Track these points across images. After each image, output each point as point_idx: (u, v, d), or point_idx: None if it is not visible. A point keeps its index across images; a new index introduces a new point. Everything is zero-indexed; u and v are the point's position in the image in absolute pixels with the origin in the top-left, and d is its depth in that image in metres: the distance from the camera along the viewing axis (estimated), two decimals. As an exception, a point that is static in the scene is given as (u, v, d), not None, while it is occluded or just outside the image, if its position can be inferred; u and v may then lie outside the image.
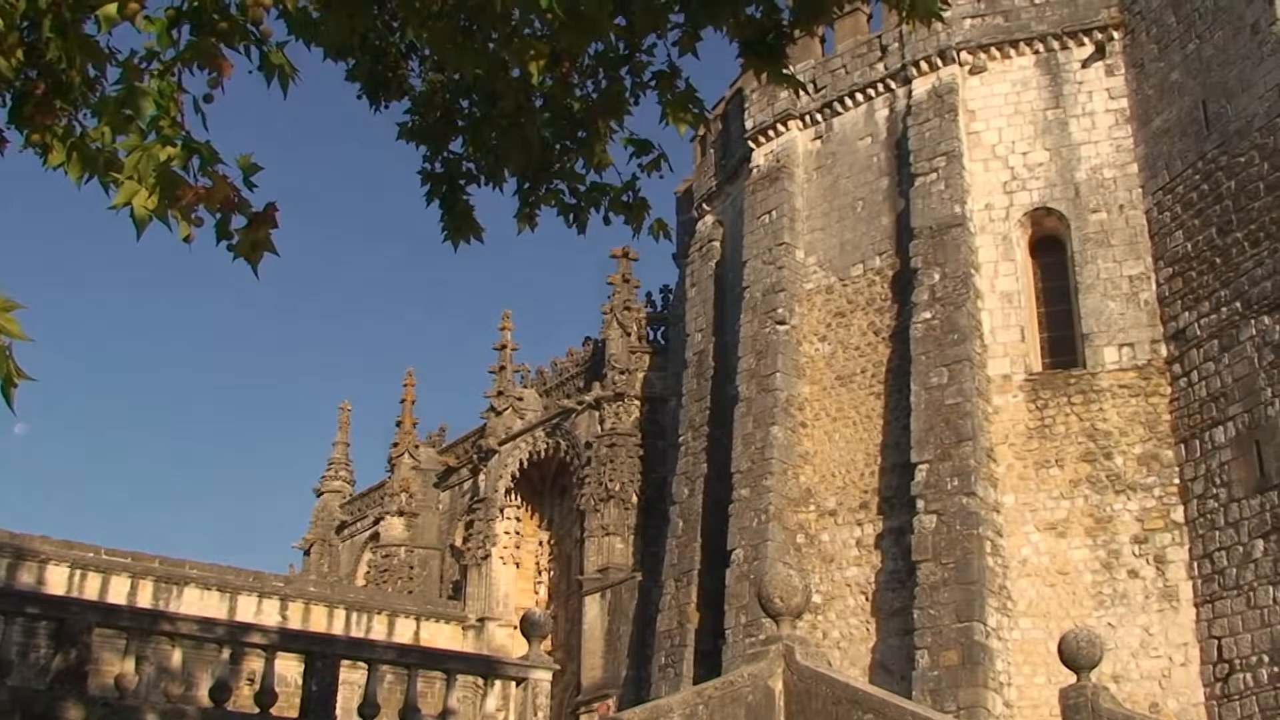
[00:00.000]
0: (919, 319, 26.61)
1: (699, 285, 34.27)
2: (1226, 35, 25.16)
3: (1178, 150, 26.02)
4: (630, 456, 37.93)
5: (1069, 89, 28.11)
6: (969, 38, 28.82)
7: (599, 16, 6.46)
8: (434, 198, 7.81)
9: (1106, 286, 26.37)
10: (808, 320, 29.51)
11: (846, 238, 29.77)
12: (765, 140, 31.80)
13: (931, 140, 28.16)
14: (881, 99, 30.11)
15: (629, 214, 7.74)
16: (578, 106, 7.42)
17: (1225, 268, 24.27)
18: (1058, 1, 28.59)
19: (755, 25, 7.10)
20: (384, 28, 7.28)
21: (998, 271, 27.34)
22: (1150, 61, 27.17)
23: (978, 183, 27.90)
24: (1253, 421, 23.01)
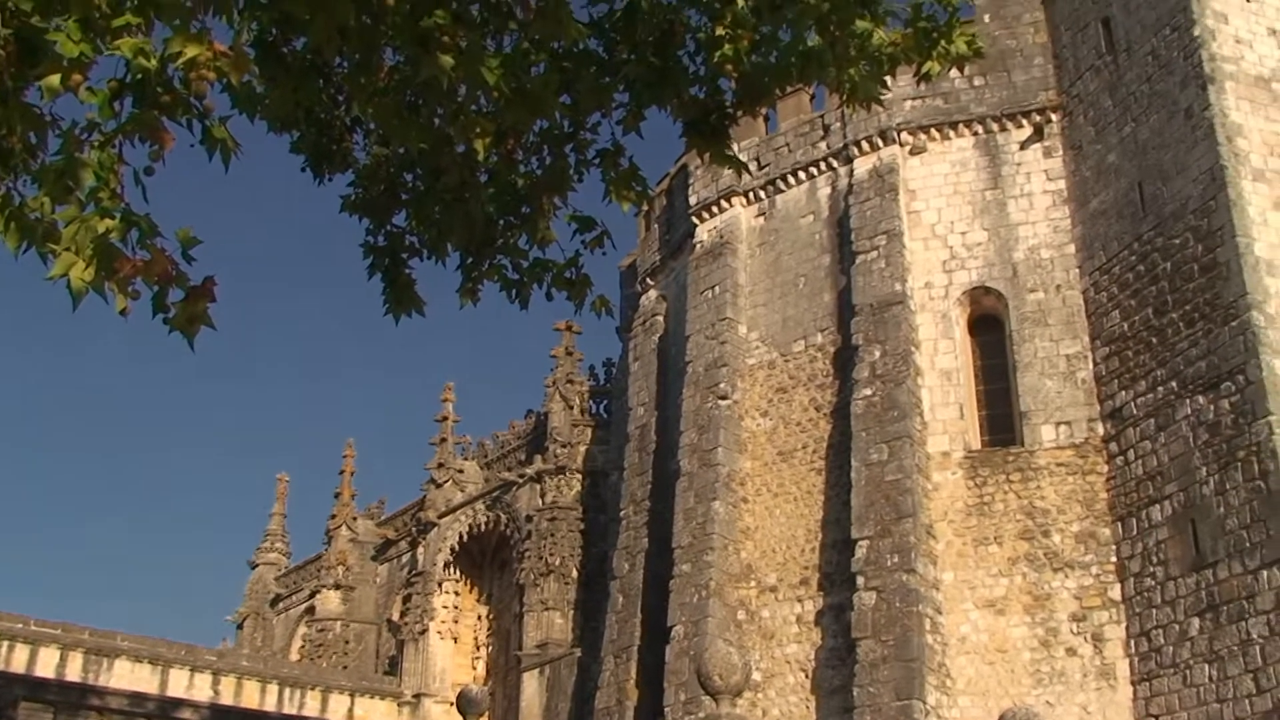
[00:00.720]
0: (860, 395, 26.77)
1: (642, 359, 34.33)
2: (1162, 119, 25.70)
3: (1114, 231, 26.47)
4: (571, 530, 37.73)
5: (1007, 170, 28.58)
6: (910, 119, 29.27)
7: (545, 95, 6.50)
8: (376, 271, 7.78)
9: (1044, 365, 26.67)
10: (750, 395, 29.61)
11: (789, 314, 29.97)
12: (709, 216, 32.06)
13: (873, 219, 28.50)
14: (824, 177, 30.47)
15: (571, 290, 7.75)
16: (522, 182, 7.45)
17: (1161, 348, 24.62)
18: (996, 84, 29.14)
19: (699, 106, 7.18)
20: (329, 101, 7.28)
21: (937, 349, 27.60)
22: (1087, 144, 27.70)
23: (918, 261, 28.23)
24: (1188, 500, 23.25)
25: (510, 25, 6.84)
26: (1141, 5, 26.86)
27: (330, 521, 49.46)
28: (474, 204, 7.37)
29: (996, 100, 29.06)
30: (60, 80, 5.11)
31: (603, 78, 7.09)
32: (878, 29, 7.03)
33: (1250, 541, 21.74)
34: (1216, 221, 23.85)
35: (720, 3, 6.70)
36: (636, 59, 7.01)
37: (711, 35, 6.86)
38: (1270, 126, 24.81)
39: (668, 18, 6.93)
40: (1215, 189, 24.02)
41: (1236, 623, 21.70)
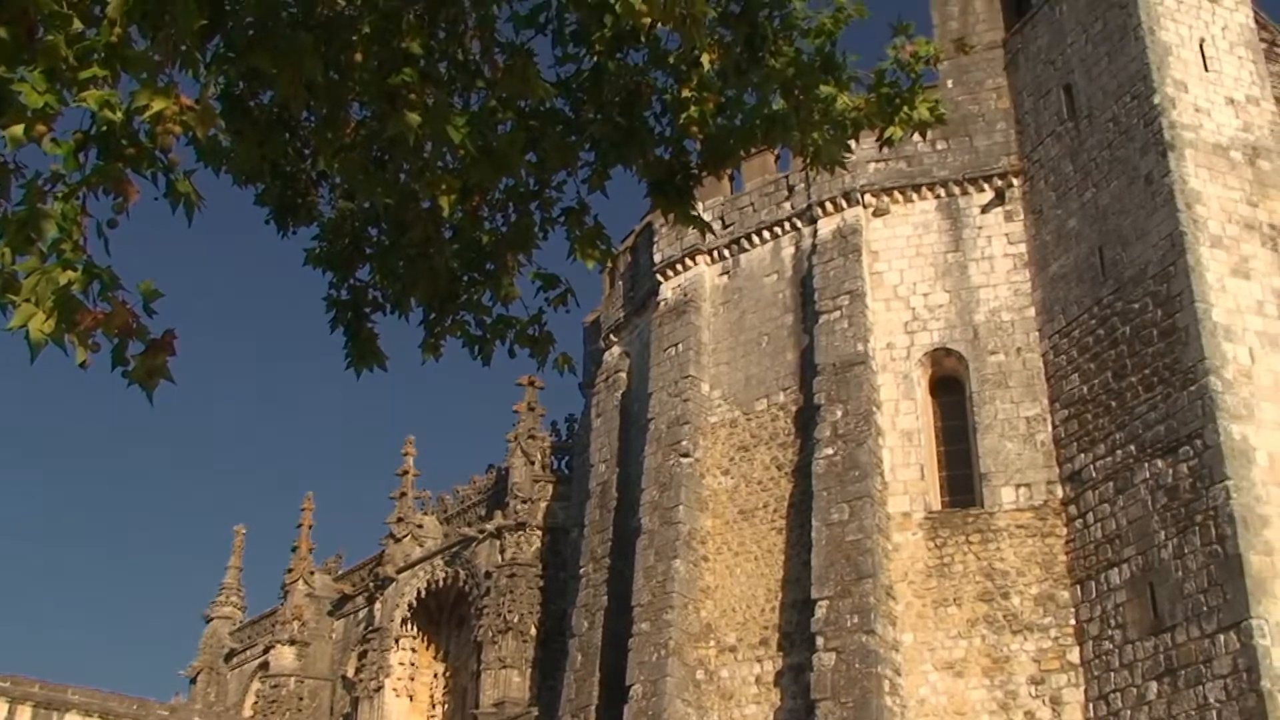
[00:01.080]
0: (821, 455, 26.81)
1: (604, 415, 34.30)
2: (1122, 185, 26.02)
3: (1074, 295, 26.71)
4: (530, 587, 37.52)
5: (969, 233, 28.84)
6: (873, 181, 29.53)
7: (510, 153, 6.53)
8: (338, 324, 7.76)
9: (1004, 427, 26.81)
10: (711, 453, 29.60)
11: (751, 372, 30.05)
12: (673, 274, 32.17)
13: (836, 279, 28.67)
14: (788, 237, 30.66)
15: (534, 347, 7.75)
16: (486, 239, 7.47)
17: (1120, 411, 24.80)
18: (959, 149, 29.46)
19: (664, 166, 7.23)
20: (295, 155, 7.28)
21: (899, 410, 27.70)
22: (1048, 208, 28.00)
23: (880, 322, 28.38)
24: (1146, 564, 23.34)
25: (478, 83, 6.88)
26: (1103, 73, 27.27)
27: (287, 575, 49.01)
28: (438, 259, 7.37)
29: (959, 164, 29.38)
30: (24, 131, 5.09)
31: (569, 136, 7.13)
32: (841, 94, 7.11)
33: (1208, 605, 21.83)
34: (1176, 287, 24.12)
35: (686, 65, 6.76)
36: (603, 119, 7.06)
37: (677, 97, 6.92)
38: (1228, 194, 25.17)
39: (634, 79, 6.99)
40: (1175, 255, 24.30)
41: (1194, 687, 21.74)
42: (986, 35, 30.63)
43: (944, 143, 29.41)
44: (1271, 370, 23.58)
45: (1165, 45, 26.34)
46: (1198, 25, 27.05)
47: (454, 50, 6.66)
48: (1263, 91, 27.12)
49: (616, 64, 6.87)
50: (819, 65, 7.05)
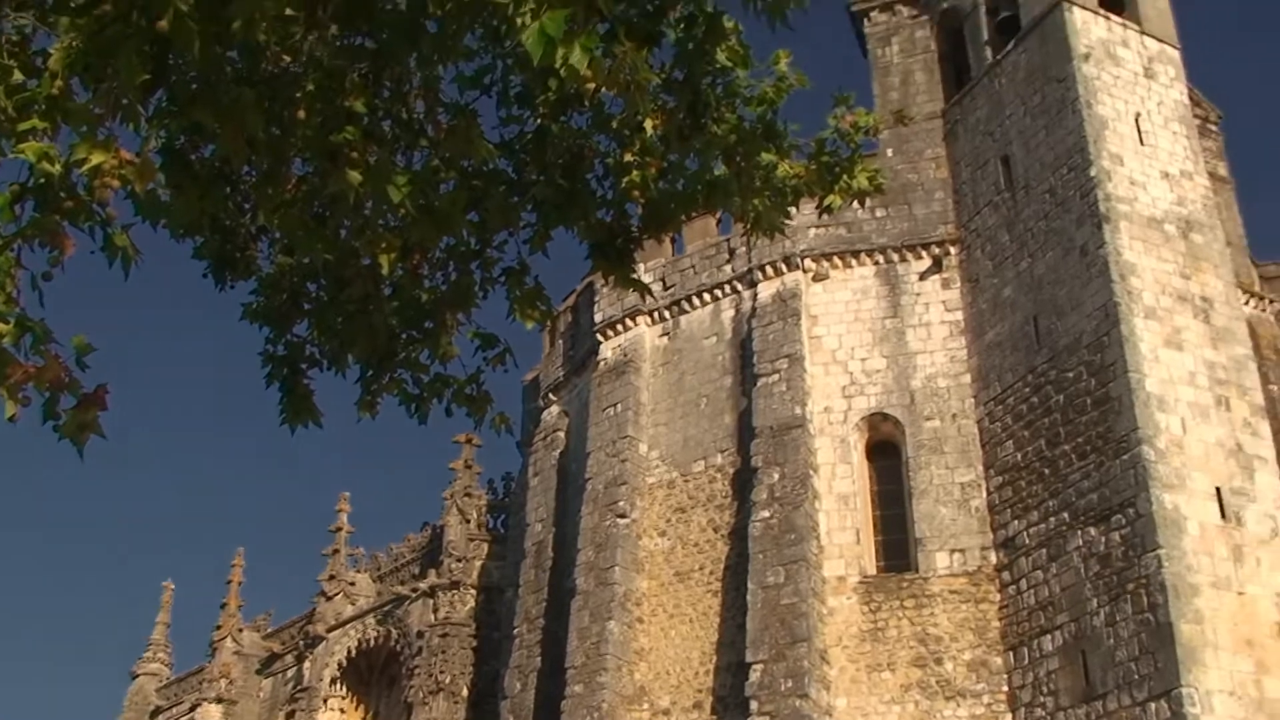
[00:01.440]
0: (758, 518, 26.82)
1: (542, 474, 34.16)
2: (1057, 255, 26.41)
3: (1009, 363, 27.01)
4: (463, 648, 37.12)
5: (907, 299, 29.13)
6: (813, 246, 29.79)
7: (452, 213, 6.54)
8: (274, 380, 7.70)
9: (939, 493, 26.96)
10: (648, 514, 29.54)
11: (690, 433, 30.07)
12: (614, 334, 32.21)
13: (775, 342, 28.82)
14: (728, 300, 30.81)
15: (472, 406, 7.73)
16: (426, 297, 7.46)
17: (1054, 478, 25.03)
18: (898, 216, 29.81)
19: (605, 229, 7.26)
20: (235, 209, 7.24)
21: (835, 474, 27.80)
22: (985, 277, 28.35)
23: (818, 386, 28.53)
24: (1079, 631, 23.48)
25: (421, 142, 6.89)
26: (1040, 145, 27.74)
27: (215, 632, 48.18)
28: (377, 317, 7.35)
29: (897, 231, 29.72)
30: (-41, 181, 5.04)
31: (511, 197, 7.16)
32: (782, 162, 7.19)
33: (1139, 674, 21.97)
34: (1110, 357, 24.45)
35: (629, 130, 6.81)
36: (545, 180, 7.09)
37: (620, 161, 6.97)
38: (1162, 266, 25.61)
39: (577, 142, 7.03)
40: (1109, 325, 24.66)
41: (1124, 755, 21.85)
42: (926, 106, 31.11)
43: (883, 210, 29.76)
44: (1203, 441, 23.92)
45: (1102, 119, 26.86)
46: (1134, 100, 27.62)
47: (398, 109, 6.67)
48: (1196, 166, 27.70)
49: (560, 127, 6.91)
50: (761, 133, 7.12)
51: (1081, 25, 27.89)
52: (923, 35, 32.13)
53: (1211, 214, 27.32)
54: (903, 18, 32.41)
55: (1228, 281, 26.71)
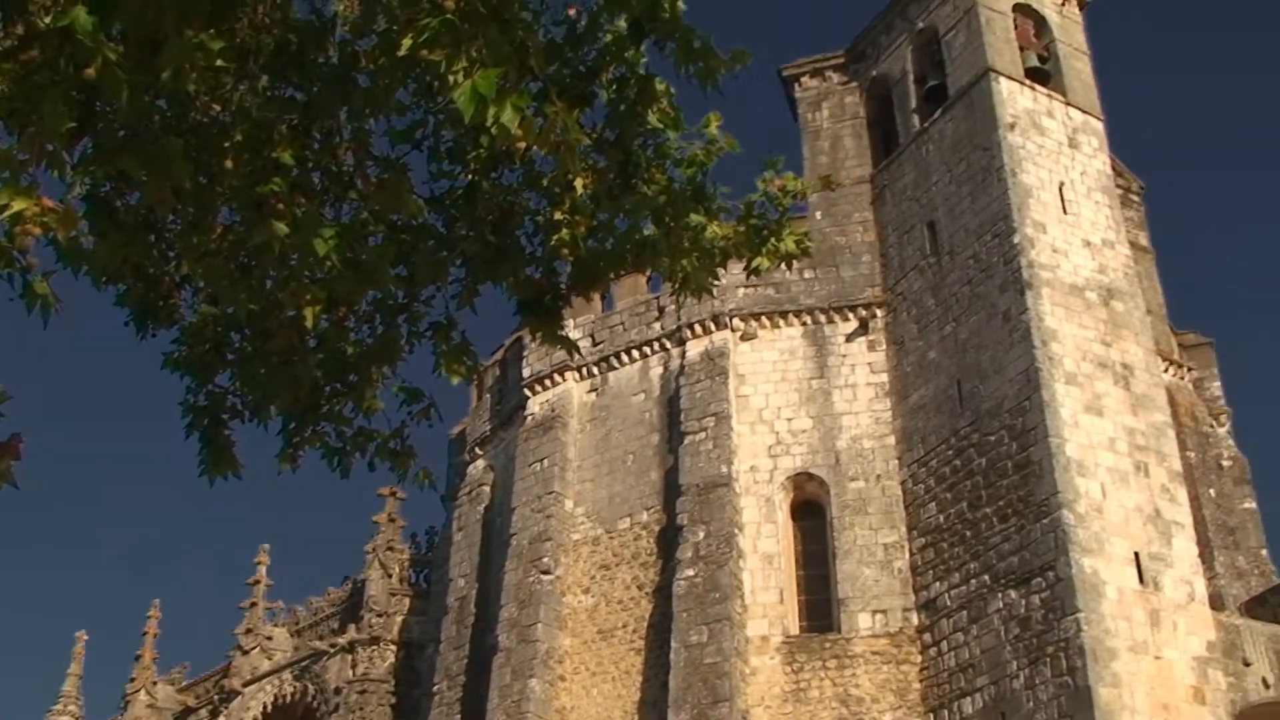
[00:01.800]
0: (682, 576, 26.76)
1: (466, 529, 33.90)
2: (981, 320, 26.76)
3: (933, 425, 27.25)
4: (382, 704, 36.55)
5: (834, 361, 29.35)
6: (742, 305, 29.98)
7: (379, 267, 6.51)
8: (194, 430, 7.60)
9: (863, 553, 27.07)
10: (573, 571, 29.38)
11: (616, 490, 30.00)
12: (542, 389, 32.14)
13: (702, 400, 28.90)
14: (657, 357, 30.88)
15: (395, 461, 7.66)
16: (352, 350, 7.40)
17: (975, 541, 25.22)
18: (826, 278, 30.10)
19: (533, 285, 7.26)
20: (159, 257, 7.16)
21: (760, 533, 27.84)
22: (910, 340, 28.65)
23: (745, 444, 28.61)
24: (999, 694, 23.59)
25: (350, 195, 6.86)
26: (965, 211, 28.16)
27: (129, 685, 47.16)
28: (301, 369, 7.27)
29: (825, 293, 29.99)
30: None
31: (440, 252, 7.14)
32: (711, 223, 7.23)
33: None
34: (1031, 421, 24.75)
35: (560, 188, 6.83)
36: (475, 236, 7.09)
37: (550, 219, 6.98)
38: (1083, 333, 26.01)
39: (508, 199, 7.04)
40: (1030, 390, 24.97)
41: (1042, 819, 21.93)
42: (855, 170, 31.52)
43: (811, 272, 30.03)
44: (1122, 506, 24.23)
45: (1026, 188, 27.33)
46: (1058, 170, 28.14)
47: (327, 161, 6.65)
48: (1118, 235, 28.22)
49: (491, 183, 6.92)
50: (690, 194, 7.17)
51: (1008, 95, 28.42)
52: (852, 101, 32.61)
53: (1132, 282, 27.82)
54: (833, 84, 32.88)
55: (1148, 349, 27.18)
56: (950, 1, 30.30)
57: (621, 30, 6.64)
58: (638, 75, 6.75)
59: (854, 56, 32.98)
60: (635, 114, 6.81)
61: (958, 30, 29.77)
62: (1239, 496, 29.49)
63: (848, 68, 33.02)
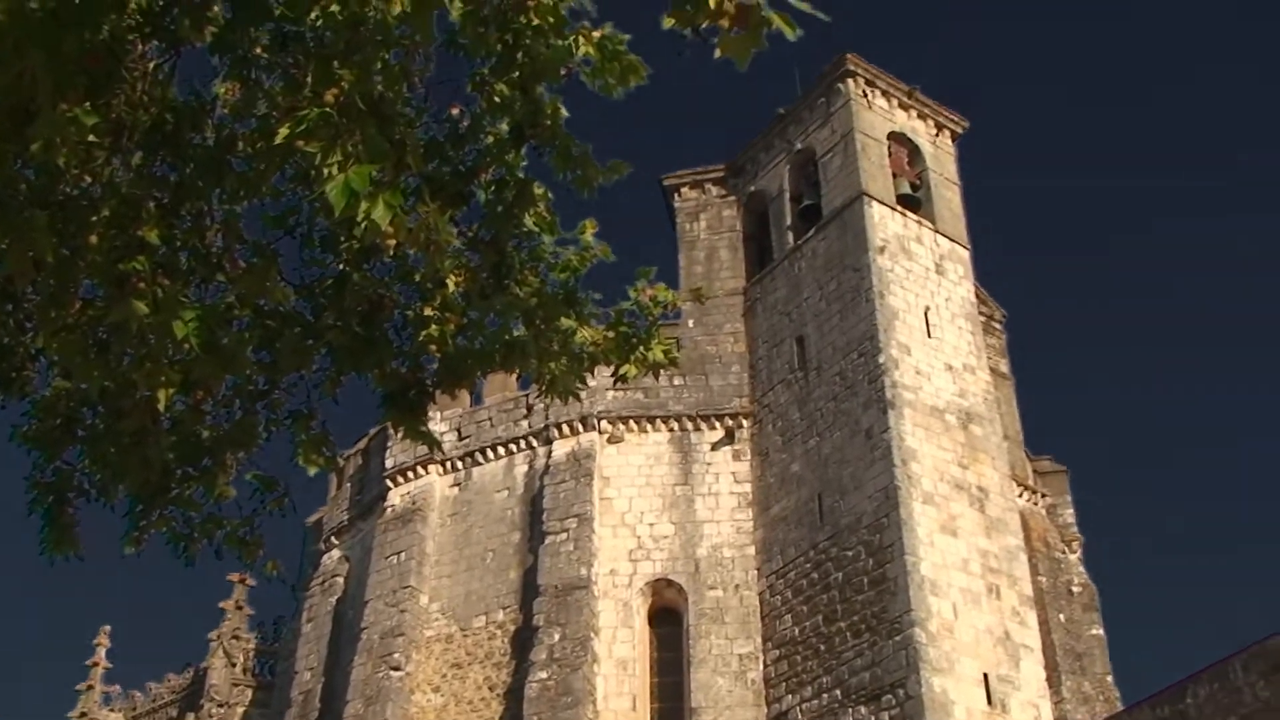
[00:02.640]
0: (535, 678, 26.42)
1: (316, 620, 33.14)
2: (844, 436, 27.14)
3: (792, 538, 27.45)
4: (218, 798, 35.40)
5: (698, 468, 29.48)
6: (610, 408, 30.04)
7: (237, 353, 6.42)
8: (38, 507, 7.36)
9: (717, 663, 27.01)
10: (423, 668, 28.84)
11: (473, 587, 29.62)
12: (404, 480, 31.74)
13: (565, 501, 28.78)
14: (522, 455, 30.73)
15: (244, 550, 7.50)
16: (206, 434, 7.26)
17: (828, 655, 25.34)
18: (695, 386, 30.34)
19: (399, 379, 7.21)
20: (15, 328, 6.98)
21: (616, 637, 27.65)
22: (774, 452, 28.93)
23: (605, 547, 28.51)
24: (844, 811, 23.59)
25: (218, 277, 6.78)
26: (834, 329, 28.67)
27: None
28: (152, 450, 7.11)
29: (693, 401, 30.22)
30: None
31: (306, 340, 7.07)
32: (582, 328, 7.28)
33: None
34: (888, 538, 25.06)
35: (431, 285, 6.83)
36: (342, 326, 7.03)
37: (420, 314, 6.97)
38: (941, 454, 26.51)
39: (378, 291, 7.01)
40: (889, 507, 25.33)
41: None
42: (729, 282, 31.98)
43: (681, 379, 30.26)
44: (973, 626, 24.56)
45: (893, 310, 27.94)
46: (924, 294, 28.84)
47: (195, 242, 6.57)
48: (979, 361, 28.94)
49: (362, 275, 6.89)
50: (562, 298, 7.22)
51: (879, 219, 29.15)
52: (729, 215, 33.17)
53: (991, 408, 28.50)
54: (711, 196, 33.44)
55: (1003, 473, 27.78)
56: (828, 125, 31.09)
57: (503, 133, 6.71)
58: (516, 178, 6.82)
59: (734, 171, 33.61)
60: (512, 216, 6.87)
61: (834, 153, 30.54)
62: (1087, 623, 30.05)
63: (727, 181, 33.62)
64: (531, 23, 5.99)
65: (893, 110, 31.44)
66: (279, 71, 6.09)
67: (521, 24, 6.01)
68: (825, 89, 31.42)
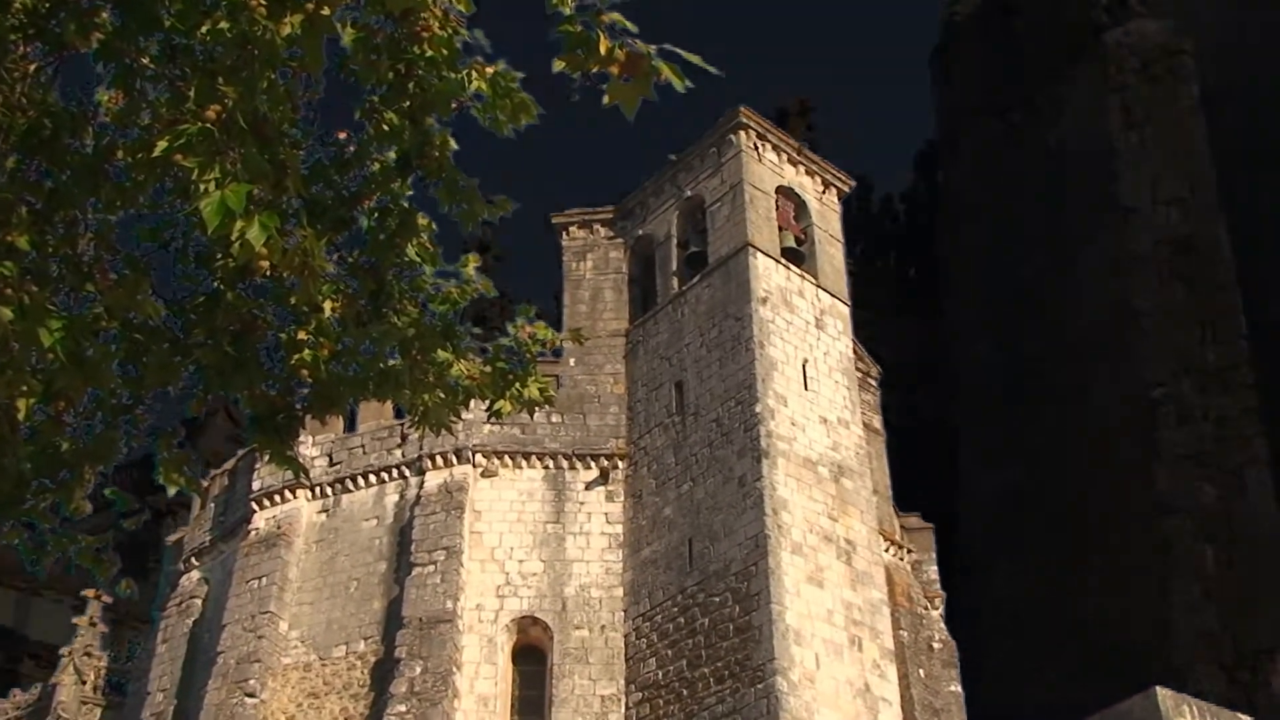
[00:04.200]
0: (393, 711, 26.07)
1: (171, 642, 32.36)
2: (717, 483, 27.31)
3: (661, 581, 27.51)
4: (56, 821, 34.32)
5: (571, 507, 29.44)
6: (485, 442, 29.88)
7: (102, 365, 6.30)
8: (-121, 514, 7.14)
9: (579, 703, 26.91)
10: (279, 697, 28.30)
11: (335, 616, 29.18)
12: (270, 504, 31.19)
13: (435, 533, 28.53)
14: (394, 484, 30.41)
15: (97, 567, 7.33)
16: (66, 446, 7.10)
17: (690, 700, 25.39)
18: (572, 424, 30.34)
19: (268, 402, 7.12)
20: None
21: (479, 673, 27.42)
22: (648, 494, 29.00)
23: (473, 582, 28.30)
24: None
25: (87, 287, 6.66)
26: (712, 376, 28.88)
27: None
28: (9, 460, 6.93)
29: (569, 439, 30.19)
30: None
31: (174, 356, 6.95)
32: (458, 361, 7.26)
33: None
34: (755, 586, 25.23)
35: (308, 308, 6.76)
36: (212, 345, 6.93)
37: (293, 338, 6.89)
38: (812, 505, 26.80)
39: (251, 311, 6.92)
40: (757, 555, 25.51)
41: None
42: (612, 323, 32.06)
43: (559, 417, 30.23)
44: (834, 678, 24.80)
45: (772, 360, 28.24)
46: (803, 347, 29.21)
47: (66, 250, 6.45)
48: (853, 416, 29.35)
49: (235, 294, 6.79)
50: (440, 331, 7.20)
51: (763, 271, 29.48)
52: (616, 256, 33.29)
53: (863, 462, 28.90)
54: (599, 237, 33.55)
55: (871, 527, 28.16)
56: (718, 175, 31.41)
57: (390, 161, 6.69)
58: (401, 207, 6.80)
59: (623, 213, 33.78)
60: (394, 245, 6.84)
61: (723, 203, 30.85)
62: (946, 679, 30.47)
63: (615, 223, 33.76)
64: (425, 54, 6.00)
65: (782, 165, 31.87)
66: (165, 83, 6.02)
67: (414, 54, 6.02)
68: (717, 139, 31.75)
